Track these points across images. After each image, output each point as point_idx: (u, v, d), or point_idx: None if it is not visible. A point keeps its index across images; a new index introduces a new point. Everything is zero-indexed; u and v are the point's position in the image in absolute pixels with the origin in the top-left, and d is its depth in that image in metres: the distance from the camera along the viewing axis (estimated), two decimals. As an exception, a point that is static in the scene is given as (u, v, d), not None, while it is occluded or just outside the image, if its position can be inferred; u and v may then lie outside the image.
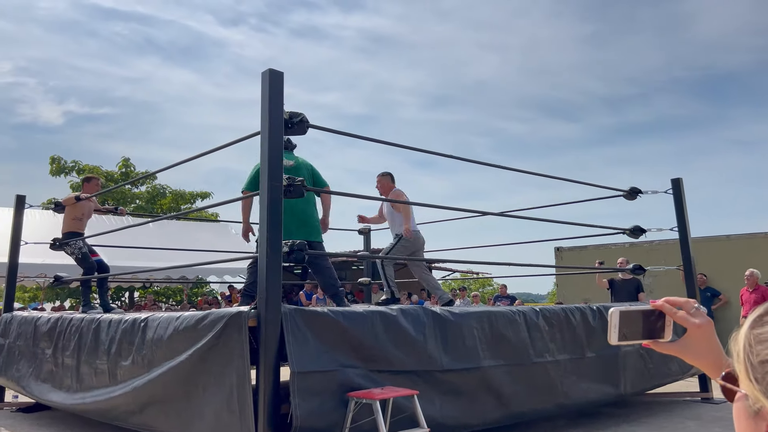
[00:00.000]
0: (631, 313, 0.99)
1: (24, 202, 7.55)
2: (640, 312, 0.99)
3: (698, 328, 0.95)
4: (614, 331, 0.98)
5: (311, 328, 3.81)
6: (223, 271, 14.30)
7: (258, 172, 5.49)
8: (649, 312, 0.99)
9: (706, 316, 0.96)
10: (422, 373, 4.31)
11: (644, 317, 0.99)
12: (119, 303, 19.92)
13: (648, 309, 0.99)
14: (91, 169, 20.25)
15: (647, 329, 0.99)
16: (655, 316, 0.99)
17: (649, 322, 0.99)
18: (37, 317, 6.29)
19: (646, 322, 0.99)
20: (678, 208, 7.19)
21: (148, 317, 4.54)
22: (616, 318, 0.98)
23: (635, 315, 0.99)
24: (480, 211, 6.83)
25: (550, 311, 5.50)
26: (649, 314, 0.99)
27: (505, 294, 14.17)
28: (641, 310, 0.99)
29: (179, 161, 5.67)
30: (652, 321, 0.99)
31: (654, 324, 0.99)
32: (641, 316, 0.99)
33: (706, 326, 0.95)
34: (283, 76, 4.06)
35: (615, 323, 0.98)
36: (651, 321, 0.99)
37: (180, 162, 5.66)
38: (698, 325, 0.95)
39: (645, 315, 0.99)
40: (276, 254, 3.78)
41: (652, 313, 0.99)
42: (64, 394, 5.37)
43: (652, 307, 0.99)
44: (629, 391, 5.99)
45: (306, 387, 3.63)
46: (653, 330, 0.99)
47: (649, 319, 0.99)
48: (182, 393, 4.06)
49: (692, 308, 0.96)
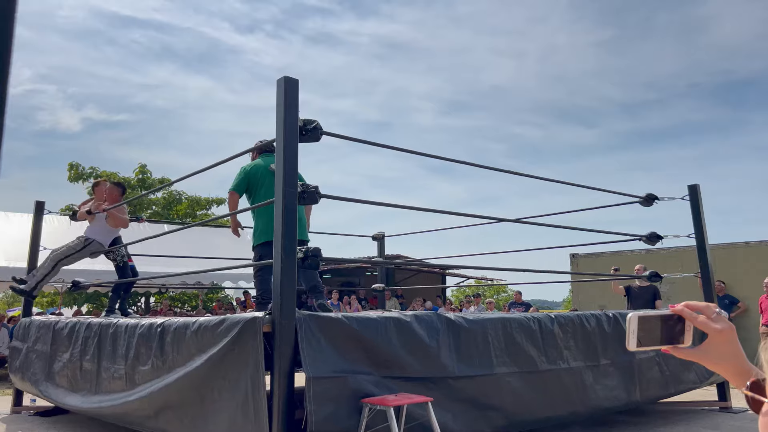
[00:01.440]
0: (650, 319, 0.97)
1: (43, 208, 7.66)
2: (660, 317, 0.97)
3: (719, 333, 0.92)
4: (632, 337, 0.96)
5: (325, 333, 3.82)
6: (238, 277, 14.38)
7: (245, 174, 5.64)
8: (668, 317, 0.97)
9: (728, 320, 0.94)
10: (436, 380, 4.30)
11: (663, 322, 0.97)
12: (135, 308, 20.08)
13: (667, 314, 0.97)
14: (108, 175, 20.48)
15: (667, 335, 0.97)
16: (674, 321, 0.97)
17: (668, 327, 0.97)
18: (55, 321, 6.37)
19: (665, 327, 0.97)
20: (695, 215, 7.13)
21: (164, 322, 4.58)
22: (634, 323, 0.96)
23: (654, 320, 0.97)
24: (495, 218, 6.81)
25: (565, 318, 5.47)
26: (668, 319, 0.97)
27: (520, 301, 14.03)
28: (661, 315, 0.97)
29: (195, 171, 5.72)
30: (672, 326, 0.97)
31: (673, 329, 0.97)
32: (660, 322, 0.97)
33: (727, 331, 0.92)
34: (297, 83, 4.09)
35: (633, 329, 0.96)
36: (670, 326, 0.97)
37: (197, 171, 5.71)
38: (719, 330, 0.92)
39: (664, 320, 0.97)
40: (290, 260, 3.80)
41: (671, 318, 0.97)
42: (81, 398, 5.43)
43: (671, 312, 0.97)
44: (645, 399, 5.93)
45: (320, 393, 3.64)
46: (673, 335, 0.97)
47: (669, 324, 0.97)
48: (197, 398, 4.09)
49: (713, 313, 0.94)
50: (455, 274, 19.45)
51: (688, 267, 8.81)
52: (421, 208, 5.66)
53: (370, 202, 5.59)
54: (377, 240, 9.47)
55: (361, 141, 5.23)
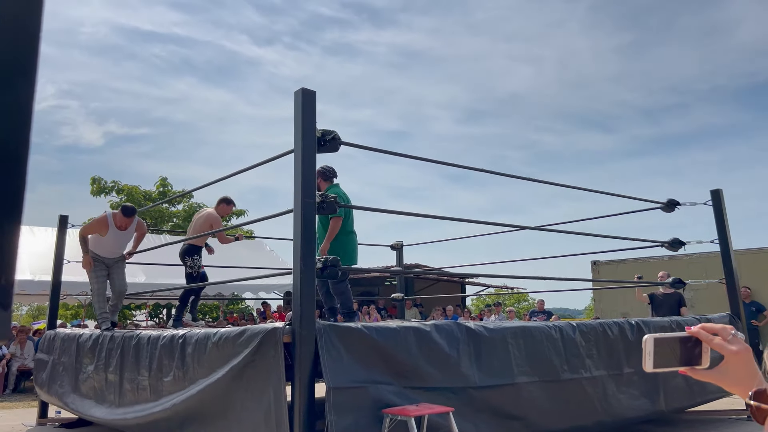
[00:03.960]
0: (667, 340, 0.97)
1: (67, 222, 7.78)
2: (677, 339, 0.97)
3: (735, 354, 0.93)
4: (649, 358, 0.96)
5: (345, 344, 3.82)
6: (257, 288, 14.46)
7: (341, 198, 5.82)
8: (686, 339, 0.97)
9: (744, 342, 0.95)
10: (457, 390, 4.27)
11: (681, 344, 0.97)
12: (157, 320, 20.27)
13: (684, 336, 0.97)
14: (130, 188, 20.75)
15: (685, 356, 0.97)
16: (692, 342, 0.97)
17: (686, 348, 0.97)
18: (79, 334, 6.45)
19: (683, 348, 0.97)
20: (718, 220, 7.02)
21: (186, 333, 4.61)
22: (650, 345, 0.96)
23: (671, 342, 0.97)
24: (516, 225, 6.78)
25: (587, 326, 5.41)
26: (686, 341, 0.97)
27: (542, 309, 13.76)
28: (678, 336, 0.97)
29: (213, 180, 5.79)
30: (690, 348, 0.97)
31: (691, 351, 0.97)
32: (678, 343, 0.97)
33: (743, 353, 0.93)
34: (315, 94, 4.12)
35: (649, 350, 0.96)
36: (688, 348, 0.97)
37: (214, 181, 5.77)
38: (735, 352, 0.93)
39: (682, 342, 0.97)
40: (309, 270, 3.82)
41: (689, 340, 0.97)
42: (106, 410, 5.48)
43: (688, 334, 0.97)
44: (670, 408, 5.83)
45: (341, 403, 3.63)
46: (691, 357, 0.97)
47: (686, 346, 0.97)
48: (220, 409, 4.11)
49: (729, 335, 0.95)
50: (475, 282, 19.35)
51: (713, 273, 8.66)
52: (440, 217, 5.66)
53: (389, 211, 5.60)
54: (396, 249, 9.47)
55: (379, 150, 5.25)
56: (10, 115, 0.49)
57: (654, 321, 6.15)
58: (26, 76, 0.50)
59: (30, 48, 0.49)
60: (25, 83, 0.50)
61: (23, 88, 0.50)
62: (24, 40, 0.50)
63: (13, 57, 0.49)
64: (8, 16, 0.49)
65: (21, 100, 0.49)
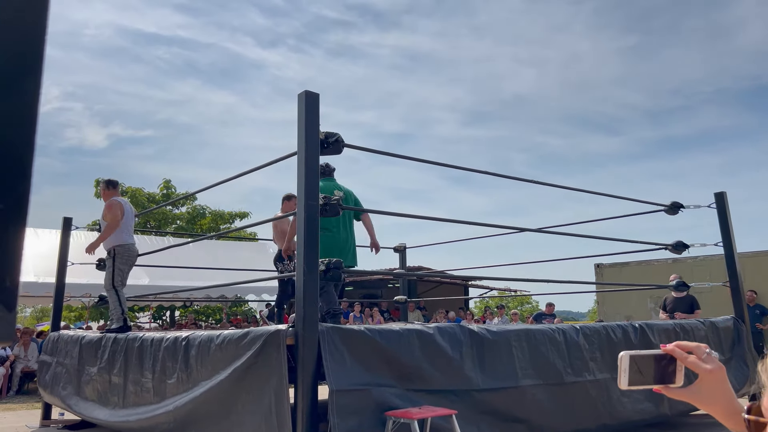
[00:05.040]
0: (642, 358, 0.96)
1: (71, 224, 7.80)
2: (652, 356, 0.97)
3: (710, 373, 0.92)
4: (624, 375, 0.95)
5: (348, 346, 3.82)
6: (261, 290, 14.47)
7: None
8: (660, 356, 0.96)
9: (718, 361, 0.94)
10: (460, 392, 4.26)
11: (656, 361, 0.96)
12: (161, 322, 20.29)
13: (659, 353, 0.96)
14: (134, 190, 20.79)
15: (659, 374, 0.96)
16: (666, 360, 0.96)
17: (660, 366, 0.96)
18: (83, 336, 6.46)
19: (657, 366, 0.96)
20: (722, 223, 7.01)
21: (189, 336, 4.62)
22: (626, 362, 0.95)
23: (646, 359, 0.96)
24: (518, 228, 6.77)
25: (591, 329, 5.39)
26: (661, 358, 0.96)
27: (551, 312, 13.47)
28: (653, 354, 0.97)
29: (217, 182, 5.80)
30: (664, 365, 0.96)
31: (666, 369, 0.96)
32: (653, 361, 0.96)
33: (717, 372, 0.92)
34: (318, 97, 4.12)
35: (624, 367, 0.95)
36: (663, 365, 0.96)
37: (217, 183, 5.78)
38: (710, 371, 0.92)
39: (657, 359, 0.96)
40: (313, 273, 3.82)
41: (664, 358, 0.96)
42: (109, 412, 5.49)
43: (663, 352, 0.96)
44: (675, 411, 5.81)
45: (344, 405, 3.63)
46: (665, 375, 0.96)
47: (661, 364, 0.96)
48: (223, 411, 4.11)
49: (704, 353, 0.94)
50: (478, 285, 19.33)
51: (717, 276, 8.64)
52: (443, 219, 5.65)
53: (392, 213, 5.60)
54: (399, 252, 9.46)
55: (382, 153, 5.25)
56: (15, 117, 0.49)
57: (657, 324, 6.13)
58: (32, 78, 0.50)
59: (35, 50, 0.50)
60: (31, 85, 0.50)
61: (29, 89, 0.50)
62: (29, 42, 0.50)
63: (19, 59, 0.49)
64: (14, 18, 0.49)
65: (26, 102, 0.49)
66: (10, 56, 0.49)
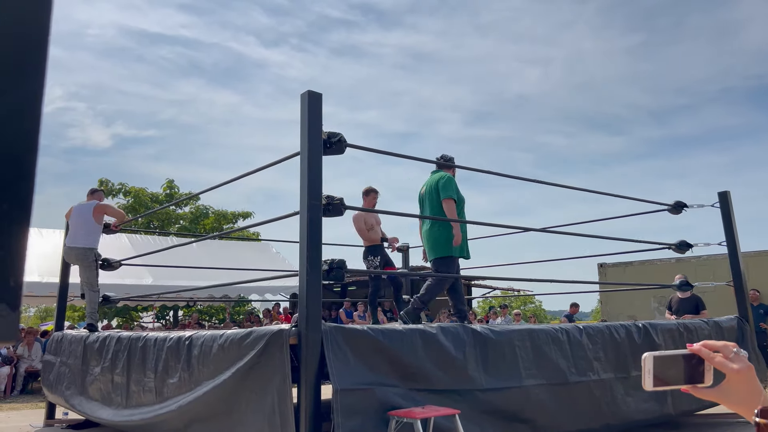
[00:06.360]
0: (668, 358, 0.95)
1: (74, 223, 7.79)
2: (680, 356, 0.95)
3: (737, 373, 0.91)
4: (648, 377, 0.94)
5: (351, 346, 3.82)
6: (264, 290, 14.49)
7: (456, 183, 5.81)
8: (687, 356, 0.95)
9: (746, 360, 0.93)
10: (463, 392, 4.26)
11: (684, 361, 0.95)
12: (164, 322, 20.32)
13: (686, 353, 0.95)
14: (137, 190, 20.82)
15: (688, 374, 0.95)
16: (695, 360, 0.95)
17: (689, 366, 0.95)
18: (86, 336, 6.48)
19: (686, 366, 0.95)
20: (726, 222, 6.99)
21: (192, 335, 4.63)
22: (650, 363, 0.94)
23: (672, 359, 0.95)
24: (522, 227, 6.76)
25: (594, 329, 5.38)
26: (689, 358, 0.95)
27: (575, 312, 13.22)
28: (680, 354, 0.96)
29: (220, 183, 5.80)
30: (693, 365, 0.95)
31: (695, 368, 0.95)
32: (681, 360, 0.95)
33: (745, 371, 0.91)
34: (321, 97, 4.12)
35: (649, 368, 0.94)
36: (691, 365, 0.95)
37: (221, 184, 5.79)
38: (737, 371, 0.91)
39: (685, 359, 0.95)
40: (315, 272, 3.82)
41: (691, 357, 0.95)
42: (112, 411, 5.50)
43: (690, 351, 0.95)
44: (679, 411, 5.80)
45: (347, 405, 3.63)
46: (694, 375, 0.95)
47: (690, 364, 0.95)
48: (225, 411, 4.12)
49: (731, 352, 0.93)
50: (481, 285, 19.30)
51: (720, 275, 8.62)
52: (445, 219, 5.65)
53: (396, 213, 5.60)
54: (402, 251, 9.46)
55: (385, 153, 5.25)
56: (18, 117, 0.49)
57: (661, 324, 6.12)
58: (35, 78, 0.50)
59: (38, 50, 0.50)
60: (34, 85, 0.50)
61: (32, 89, 0.50)
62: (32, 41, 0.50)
63: (22, 59, 0.49)
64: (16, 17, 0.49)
65: (30, 102, 0.49)
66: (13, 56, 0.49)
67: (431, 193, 5.78)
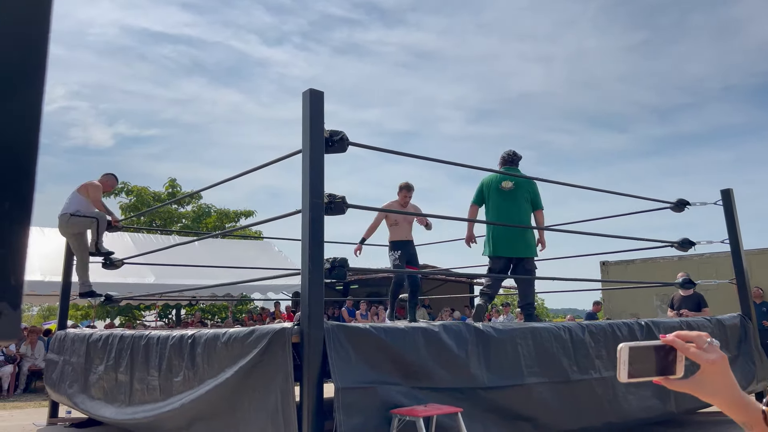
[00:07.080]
0: (642, 349, 0.94)
1: (77, 222, 7.79)
2: (652, 347, 0.95)
3: (712, 364, 0.90)
4: (623, 368, 0.93)
5: (354, 344, 3.82)
6: (266, 288, 14.50)
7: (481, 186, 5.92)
8: (660, 347, 0.95)
9: (720, 351, 0.92)
10: (465, 390, 4.26)
11: (656, 352, 0.95)
12: (166, 320, 20.36)
13: (659, 344, 0.95)
14: (139, 189, 20.85)
15: (660, 365, 0.95)
16: (666, 351, 0.95)
17: (660, 357, 0.94)
18: (89, 334, 6.49)
19: (657, 357, 0.94)
20: (729, 220, 6.97)
21: (194, 334, 4.63)
22: (625, 354, 0.93)
23: (646, 350, 0.94)
24: (524, 226, 6.75)
25: (597, 327, 5.38)
26: (660, 349, 0.95)
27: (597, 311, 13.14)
28: (653, 345, 0.95)
29: (221, 180, 5.80)
30: (664, 356, 0.95)
31: (666, 359, 0.95)
32: (653, 352, 0.95)
33: (719, 362, 0.91)
34: (323, 95, 4.12)
35: (624, 359, 0.93)
36: (662, 356, 0.95)
37: (222, 181, 5.78)
38: (711, 361, 0.91)
39: (656, 350, 0.95)
40: (318, 271, 3.82)
41: (663, 348, 0.95)
42: (115, 410, 5.51)
43: (662, 342, 0.95)
44: (681, 409, 5.79)
45: (350, 403, 3.63)
46: (665, 366, 0.95)
47: (661, 355, 0.95)
48: (228, 409, 4.13)
49: (705, 343, 0.92)
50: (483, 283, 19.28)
51: (723, 273, 8.60)
52: (448, 217, 5.65)
53: (397, 211, 5.60)
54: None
55: (387, 151, 5.25)
56: (18, 117, 0.49)
57: (664, 321, 6.11)
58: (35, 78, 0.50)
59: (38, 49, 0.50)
60: (34, 85, 0.50)
61: (32, 89, 0.50)
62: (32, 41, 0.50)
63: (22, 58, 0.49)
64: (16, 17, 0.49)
65: (30, 102, 0.49)
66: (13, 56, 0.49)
67: (524, 192, 5.94)
